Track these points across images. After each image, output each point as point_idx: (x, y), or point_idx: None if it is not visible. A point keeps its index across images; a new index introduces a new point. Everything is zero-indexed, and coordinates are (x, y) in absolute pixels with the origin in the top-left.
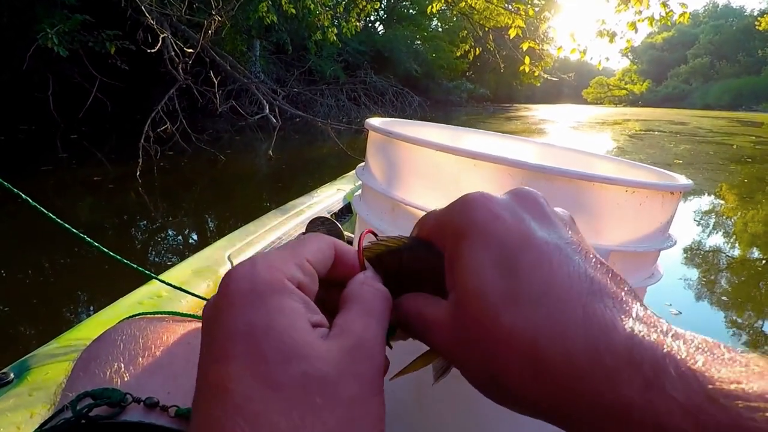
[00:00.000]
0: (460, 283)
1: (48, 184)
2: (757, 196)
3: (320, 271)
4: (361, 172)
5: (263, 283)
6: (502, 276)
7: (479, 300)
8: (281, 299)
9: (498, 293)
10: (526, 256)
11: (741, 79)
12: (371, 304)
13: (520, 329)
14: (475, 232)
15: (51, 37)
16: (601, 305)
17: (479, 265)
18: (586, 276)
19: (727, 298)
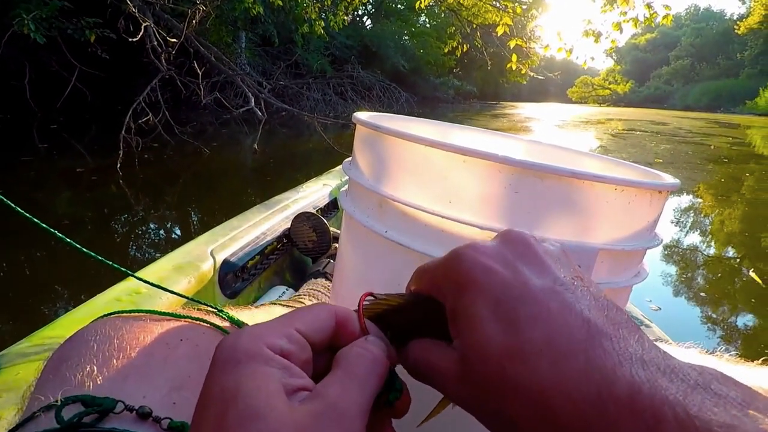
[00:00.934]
0: (464, 338)
1: (25, 175)
2: (733, 196)
3: (315, 338)
4: (348, 167)
5: (241, 351)
6: (504, 331)
7: (484, 356)
8: (255, 365)
9: (502, 349)
10: (523, 308)
11: (720, 82)
12: (354, 368)
13: (526, 383)
14: (471, 288)
15: (27, 23)
16: (601, 351)
17: (480, 321)
18: (584, 321)
19: (704, 294)
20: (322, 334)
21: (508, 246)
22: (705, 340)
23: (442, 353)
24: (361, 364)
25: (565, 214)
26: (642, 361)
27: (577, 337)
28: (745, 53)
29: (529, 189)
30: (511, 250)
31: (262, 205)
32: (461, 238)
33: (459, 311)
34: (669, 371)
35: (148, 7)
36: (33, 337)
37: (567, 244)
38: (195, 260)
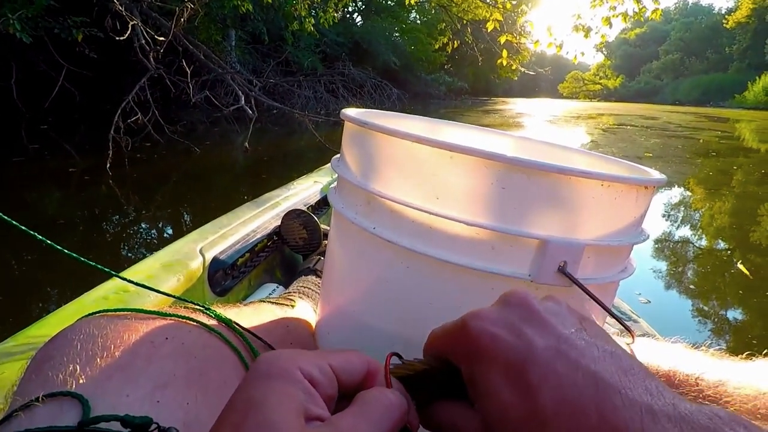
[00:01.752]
0: (482, 404)
1: (14, 175)
2: (722, 189)
3: (344, 379)
4: (336, 163)
5: (275, 367)
6: (519, 396)
7: (504, 421)
8: (284, 383)
9: (519, 414)
10: (532, 372)
11: (709, 76)
12: (369, 407)
13: None
14: (482, 356)
15: (13, 23)
16: (611, 405)
17: (495, 388)
18: (591, 377)
19: (694, 287)
20: (352, 377)
21: (510, 310)
22: (695, 332)
23: (465, 416)
24: (377, 405)
25: (551, 209)
26: (652, 413)
27: (587, 395)
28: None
29: (516, 185)
30: (514, 314)
31: (253, 202)
32: (448, 234)
33: (475, 378)
34: (678, 419)
35: (136, 5)
36: (19, 336)
37: (553, 240)
38: (184, 258)
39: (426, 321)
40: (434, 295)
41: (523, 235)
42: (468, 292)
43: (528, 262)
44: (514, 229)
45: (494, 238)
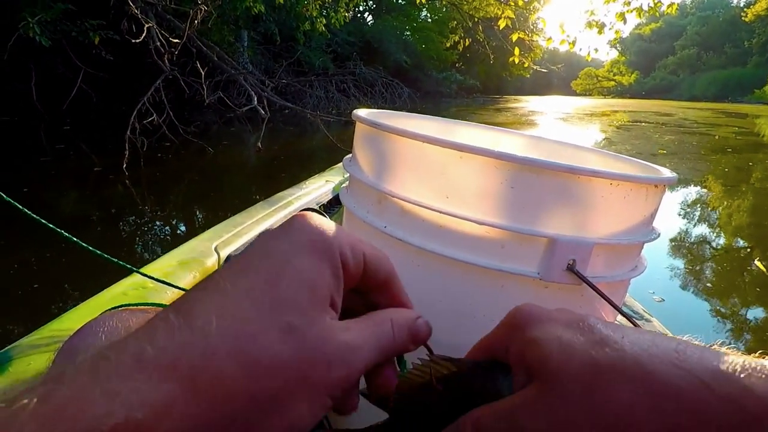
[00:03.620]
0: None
1: (33, 176)
2: (739, 186)
3: (369, 275)
4: (348, 163)
5: (319, 238)
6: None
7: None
8: (322, 261)
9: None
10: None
11: (727, 71)
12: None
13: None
14: (541, 321)
15: (32, 27)
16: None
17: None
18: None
19: (711, 286)
20: (376, 277)
21: None
22: (711, 331)
23: (511, 403)
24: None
25: (560, 208)
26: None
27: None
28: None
29: (526, 184)
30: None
31: (266, 201)
32: (459, 233)
33: (533, 342)
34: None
35: (151, 8)
36: (43, 330)
37: (562, 238)
38: (199, 256)
39: (437, 319)
40: (445, 293)
41: (532, 234)
42: (478, 290)
43: (537, 260)
44: (523, 228)
45: (504, 237)
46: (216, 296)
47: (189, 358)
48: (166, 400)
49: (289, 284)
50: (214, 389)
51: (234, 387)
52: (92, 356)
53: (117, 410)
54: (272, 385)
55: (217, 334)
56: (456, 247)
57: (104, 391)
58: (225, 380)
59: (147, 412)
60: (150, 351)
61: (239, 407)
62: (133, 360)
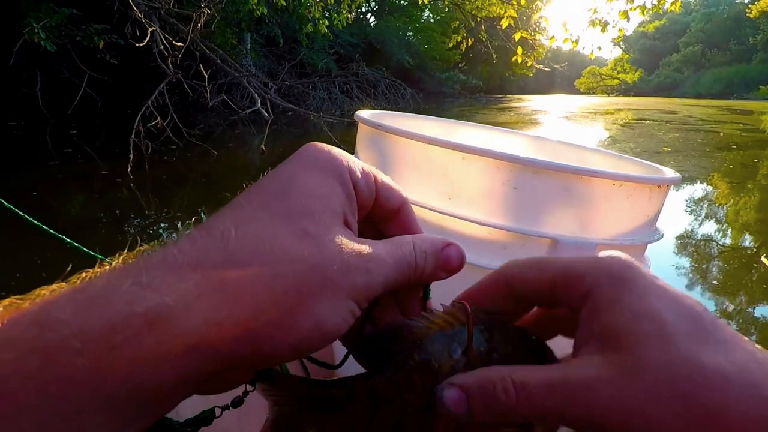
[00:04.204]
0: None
1: (41, 180)
2: (744, 183)
3: (380, 201)
4: None
5: (326, 157)
6: (686, 321)
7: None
8: (331, 177)
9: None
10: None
11: (732, 67)
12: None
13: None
14: (632, 281)
15: (38, 32)
16: None
17: (651, 311)
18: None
19: (717, 284)
20: (387, 204)
21: None
22: None
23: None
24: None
25: (563, 209)
26: None
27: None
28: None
29: (528, 185)
30: None
31: None
32: (461, 234)
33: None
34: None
35: (154, 12)
36: None
37: (565, 239)
38: None
39: None
40: (446, 295)
41: (534, 235)
42: None
43: None
44: (525, 229)
45: (506, 238)
46: (232, 211)
47: (212, 258)
48: (193, 289)
49: (299, 196)
50: (238, 286)
51: (257, 284)
52: (121, 264)
53: (149, 296)
54: (294, 283)
55: (236, 239)
56: None
57: (135, 282)
58: (248, 278)
59: (176, 299)
60: (175, 253)
61: (263, 304)
62: (160, 260)
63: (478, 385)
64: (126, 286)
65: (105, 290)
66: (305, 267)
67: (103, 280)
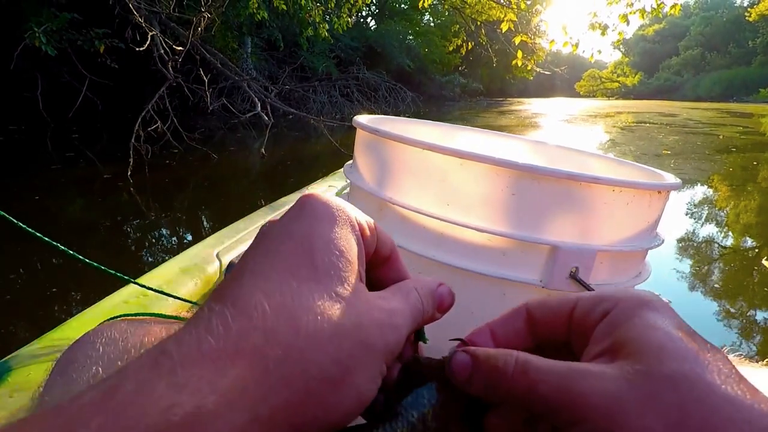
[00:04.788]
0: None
1: (38, 184)
2: (744, 185)
3: (378, 247)
4: (349, 170)
5: (334, 209)
6: (699, 343)
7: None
8: (345, 227)
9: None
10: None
11: (732, 70)
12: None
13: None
14: (653, 303)
15: (38, 36)
16: None
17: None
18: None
19: (719, 288)
20: (384, 249)
21: None
22: (720, 334)
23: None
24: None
25: (563, 215)
26: None
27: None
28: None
29: (527, 191)
30: None
31: (269, 207)
32: (460, 241)
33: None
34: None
35: (155, 16)
36: (43, 339)
37: (565, 246)
38: (201, 263)
39: (438, 327)
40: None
41: (534, 241)
42: (480, 298)
43: (539, 267)
44: (525, 235)
45: (505, 244)
46: (257, 280)
47: (252, 341)
48: (236, 384)
49: (322, 254)
50: (284, 367)
51: (302, 361)
52: (150, 351)
53: (185, 401)
54: (337, 353)
55: (272, 314)
56: (457, 255)
57: (170, 384)
58: (293, 356)
59: (217, 400)
60: (211, 341)
61: (311, 381)
62: (194, 350)
63: (486, 355)
64: (160, 390)
65: (136, 397)
66: (346, 337)
67: (134, 383)
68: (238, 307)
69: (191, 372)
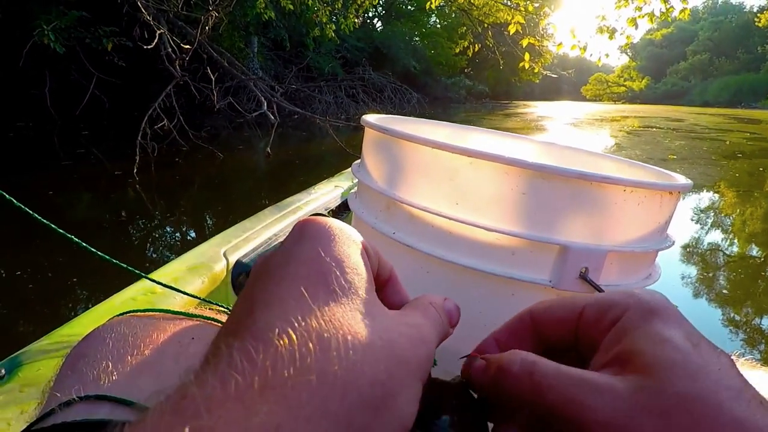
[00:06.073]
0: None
1: (46, 181)
2: (754, 192)
3: (378, 270)
4: (357, 169)
5: (340, 232)
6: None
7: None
8: (354, 247)
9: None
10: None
11: (740, 76)
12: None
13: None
14: (663, 311)
15: (47, 34)
16: None
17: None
18: None
19: (726, 293)
20: (383, 272)
21: None
22: (726, 340)
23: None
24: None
25: (573, 215)
26: None
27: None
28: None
29: (537, 190)
30: None
31: (275, 206)
32: (469, 240)
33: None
34: None
35: (163, 14)
36: (52, 335)
37: (576, 246)
38: (208, 261)
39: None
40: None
41: (543, 241)
42: (489, 297)
43: (549, 267)
44: (534, 235)
45: (515, 244)
46: (272, 309)
47: (280, 374)
48: (269, 423)
49: (336, 274)
50: (320, 396)
51: (339, 386)
52: (170, 397)
53: None
54: (375, 374)
55: (299, 341)
56: (466, 254)
57: (194, 429)
58: (328, 382)
59: None
60: (236, 377)
61: (353, 409)
62: (219, 391)
63: (498, 358)
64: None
65: None
66: (380, 354)
67: (153, 428)
68: (260, 339)
69: (218, 414)
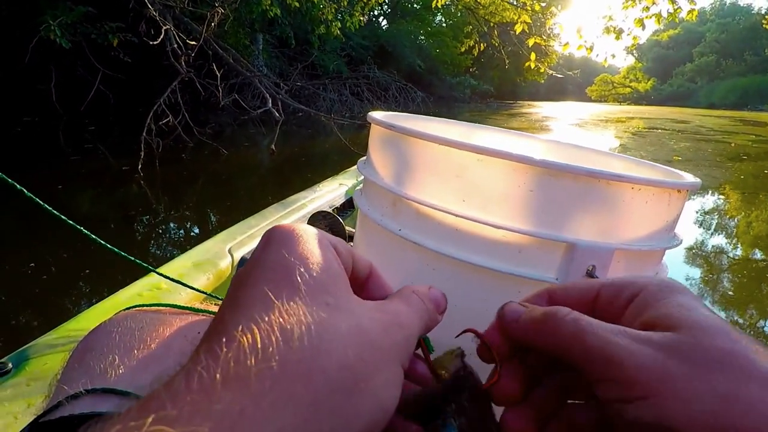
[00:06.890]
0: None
1: (51, 176)
2: (759, 194)
3: (354, 268)
4: (363, 165)
5: (305, 234)
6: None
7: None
8: (322, 246)
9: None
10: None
11: (747, 78)
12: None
13: None
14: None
15: (54, 29)
16: None
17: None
18: None
19: (731, 295)
20: (361, 270)
21: None
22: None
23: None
24: (425, 298)
25: (580, 213)
26: None
27: None
28: None
29: (545, 188)
30: None
31: (279, 204)
32: (475, 237)
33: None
34: None
35: (168, 10)
36: (59, 329)
37: (582, 244)
38: (214, 257)
39: (452, 324)
40: (461, 298)
41: (550, 239)
42: (494, 295)
43: (556, 265)
44: (541, 232)
45: (521, 241)
46: (238, 311)
47: (243, 365)
48: (232, 409)
49: (302, 269)
50: (283, 382)
51: (303, 372)
52: (138, 401)
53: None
54: (342, 358)
55: (262, 335)
56: (472, 251)
57: (159, 418)
58: (290, 369)
59: (213, 426)
60: (201, 372)
61: (318, 392)
62: (183, 386)
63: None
64: (147, 426)
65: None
66: (347, 340)
67: (118, 424)
68: (225, 337)
69: (181, 405)
